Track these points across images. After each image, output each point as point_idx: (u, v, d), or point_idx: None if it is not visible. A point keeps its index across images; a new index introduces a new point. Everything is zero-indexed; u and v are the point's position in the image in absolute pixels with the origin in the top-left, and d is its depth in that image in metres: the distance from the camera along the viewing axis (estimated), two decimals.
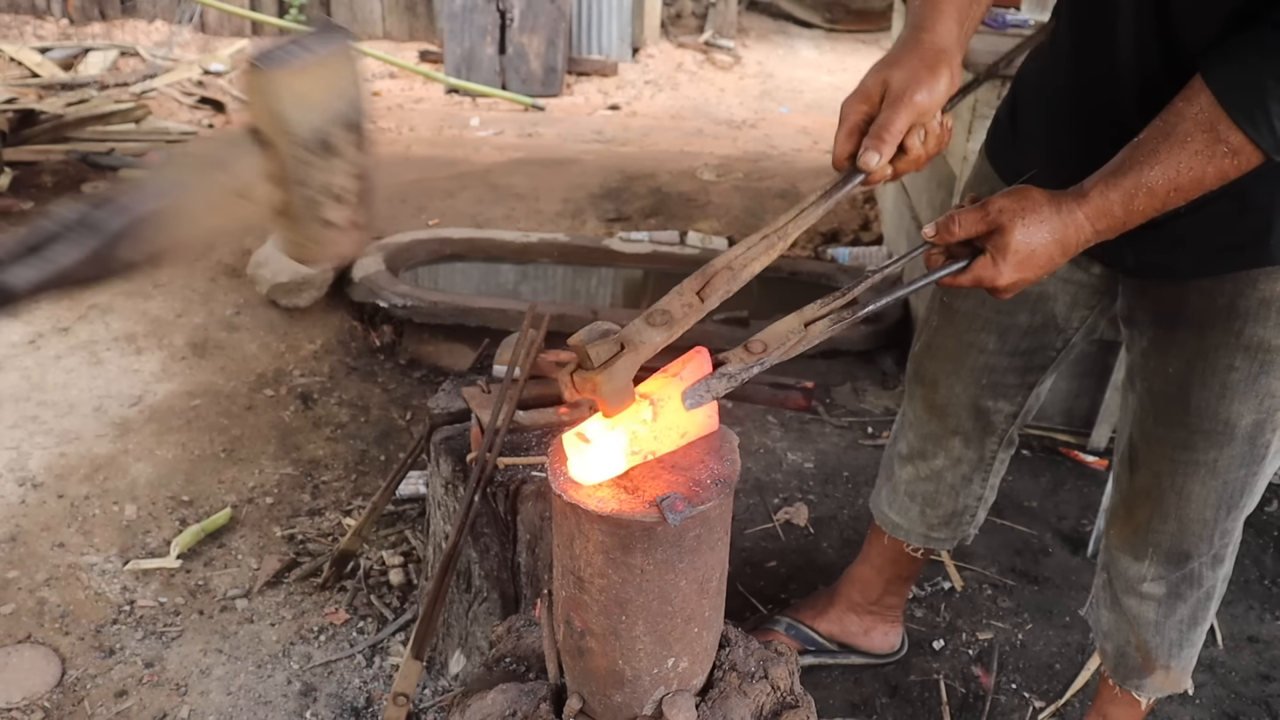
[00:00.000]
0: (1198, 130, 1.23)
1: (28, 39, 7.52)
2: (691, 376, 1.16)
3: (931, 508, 2.11)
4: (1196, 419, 1.61)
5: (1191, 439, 1.64)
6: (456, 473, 1.99)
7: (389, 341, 3.51)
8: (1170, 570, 1.79)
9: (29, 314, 3.45)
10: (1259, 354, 1.53)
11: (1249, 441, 1.61)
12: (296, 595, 2.43)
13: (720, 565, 1.24)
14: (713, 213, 4.67)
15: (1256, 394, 1.56)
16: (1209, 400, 1.59)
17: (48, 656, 2.21)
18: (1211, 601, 1.85)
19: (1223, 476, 1.65)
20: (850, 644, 2.34)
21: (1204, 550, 1.75)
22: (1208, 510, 1.70)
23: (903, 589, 2.31)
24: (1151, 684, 1.93)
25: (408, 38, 8.19)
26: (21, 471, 2.76)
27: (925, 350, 1.97)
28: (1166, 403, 1.65)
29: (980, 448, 2.02)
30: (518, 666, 1.46)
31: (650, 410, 1.14)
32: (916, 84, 1.29)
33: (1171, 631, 1.85)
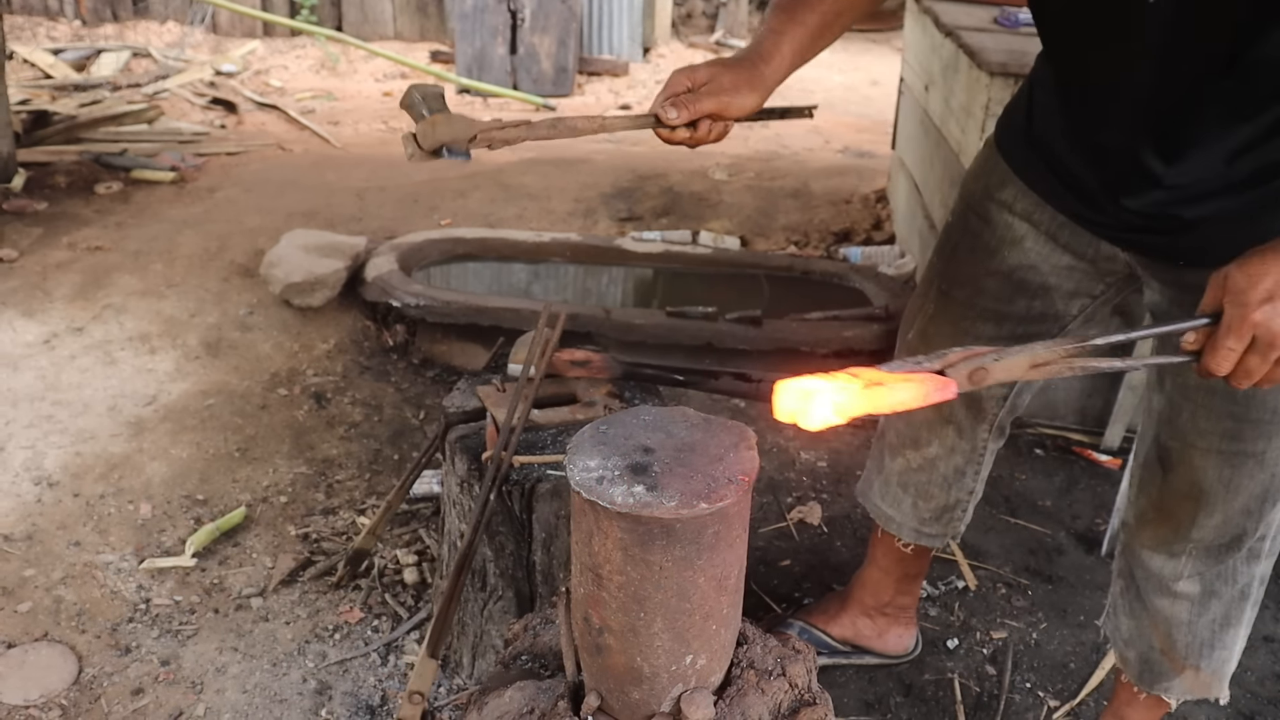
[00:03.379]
0: None
1: (41, 40, 7.55)
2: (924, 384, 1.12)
3: (924, 500, 2.11)
4: (1244, 409, 1.59)
5: (1240, 429, 1.61)
6: (472, 471, 2.00)
7: (402, 341, 3.52)
8: (1209, 566, 1.76)
9: (44, 314, 3.47)
10: None
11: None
12: (311, 594, 2.44)
13: (738, 562, 1.25)
14: (724, 212, 4.67)
15: None
16: (1264, 391, 1.54)
17: (64, 654, 2.22)
18: (1246, 603, 1.81)
19: (1271, 469, 1.63)
20: (864, 646, 2.34)
21: (1244, 543, 1.72)
22: (1253, 502, 1.67)
23: (912, 588, 2.31)
24: (1181, 685, 1.87)
25: (419, 38, 8.21)
26: (37, 470, 2.77)
27: (920, 336, 1.96)
28: (1209, 395, 1.62)
29: (973, 437, 2.03)
30: (534, 664, 1.46)
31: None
32: (734, 93, 1.56)
33: (1204, 631, 1.81)
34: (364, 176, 5.04)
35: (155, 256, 3.88)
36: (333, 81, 7.47)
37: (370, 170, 5.16)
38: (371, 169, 5.19)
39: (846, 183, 5.19)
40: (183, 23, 7.97)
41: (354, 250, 3.74)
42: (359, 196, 4.70)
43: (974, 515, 2.81)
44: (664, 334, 3.35)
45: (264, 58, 7.72)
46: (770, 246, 4.35)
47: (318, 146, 5.82)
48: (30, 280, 3.68)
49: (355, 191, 4.77)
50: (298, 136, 6.01)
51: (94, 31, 7.84)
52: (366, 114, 6.68)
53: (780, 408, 1.07)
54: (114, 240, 4.02)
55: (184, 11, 7.99)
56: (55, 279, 3.70)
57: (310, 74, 7.60)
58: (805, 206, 4.74)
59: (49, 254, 3.89)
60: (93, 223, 4.23)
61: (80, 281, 3.68)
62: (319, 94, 7.08)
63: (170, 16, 8.02)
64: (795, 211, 4.69)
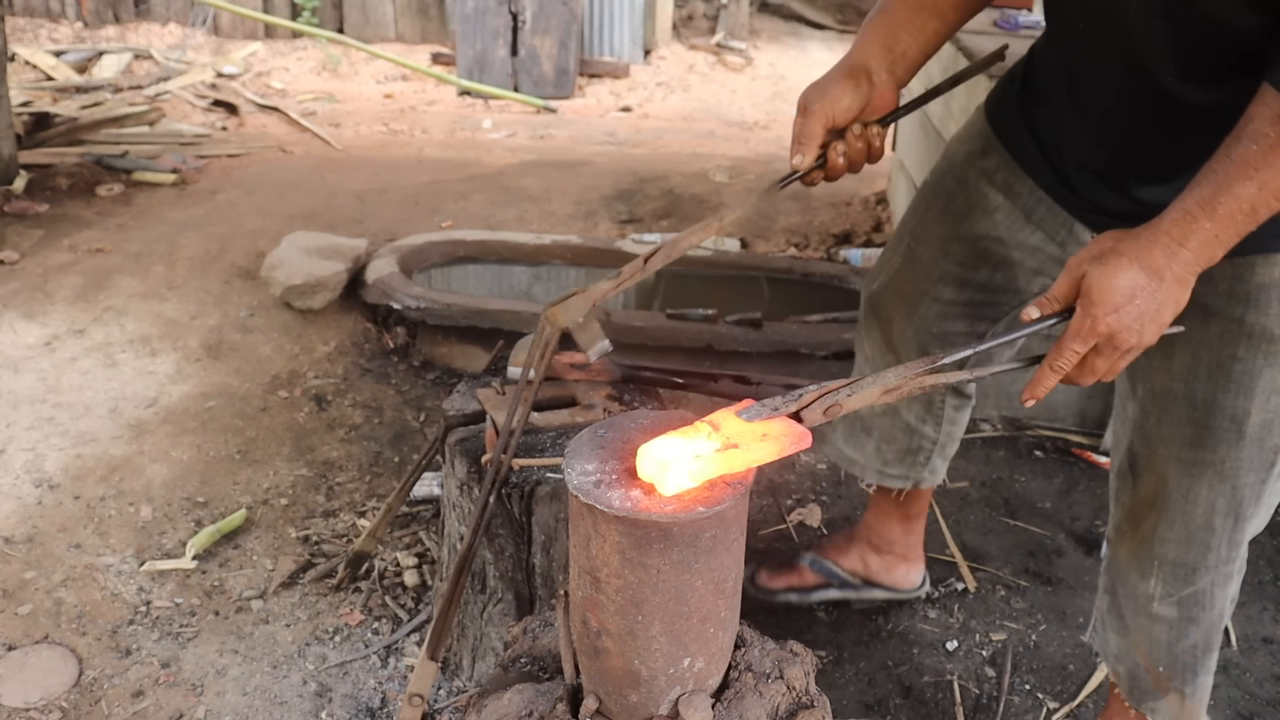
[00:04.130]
0: (1269, 126, 1.21)
1: (42, 42, 7.56)
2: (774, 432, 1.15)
3: (887, 443, 2.15)
4: (1204, 414, 1.58)
5: (1200, 436, 1.60)
6: (471, 474, 2.00)
7: (403, 343, 3.52)
8: (1178, 587, 1.74)
9: (45, 316, 3.47)
10: (1261, 344, 1.52)
11: (1258, 443, 1.58)
12: (311, 596, 2.44)
13: (736, 566, 1.25)
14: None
15: (1262, 389, 1.54)
16: (1215, 393, 1.56)
17: (65, 656, 2.23)
18: (1222, 622, 1.81)
19: (1231, 480, 1.62)
20: (874, 580, 2.44)
21: (1211, 563, 1.71)
22: (1215, 518, 1.66)
23: (915, 528, 2.39)
24: (1166, 709, 1.86)
25: (420, 40, 8.21)
26: (38, 473, 2.78)
27: (883, 290, 2.00)
28: (1172, 399, 1.62)
29: (929, 393, 2.06)
30: (533, 667, 1.47)
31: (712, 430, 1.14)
32: (824, 96, 1.54)
33: (1185, 655, 1.80)
34: (365, 179, 5.04)
35: (156, 258, 3.88)
36: (334, 83, 7.48)
37: (371, 172, 5.16)
38: (372, 171, 5.20)
39: (846, 185, 5.19)
40: (184, 24, 7.97)
41: (355, 252, 3.74)
42: (360, 199, 4.70)
43: (973, 516, 2.82)
44: (664, 336, 3.36)
45: (265, 60, 7.73)
46: (770, 249, 4.36)
47: (319, 148, 5.82)
48: (31, 282, 3.69)
49: (356, 194, 4.78)
50: (299, 138, 6.02)
51: (95, 33, 7.85)
52: (368, 116, 6.68)
53: (640, 472, 1.11)
54: (115, 242, 4.03)
55: (185, 13, 7.99)
56: (56, 281, 3.70)
57: (311, 76, 7.61)
58: (805, 209, 4.74)
59: (50, 256, 3.90)
60: (94, 225, 4.23)
61: (81, 283, 3.68)
62: (320, 96, 7.08)
63: (172, 18, 8.02)
64: (795, 214, 4.69)
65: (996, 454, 3.12)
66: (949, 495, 2.92)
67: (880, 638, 2.42)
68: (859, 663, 2.35)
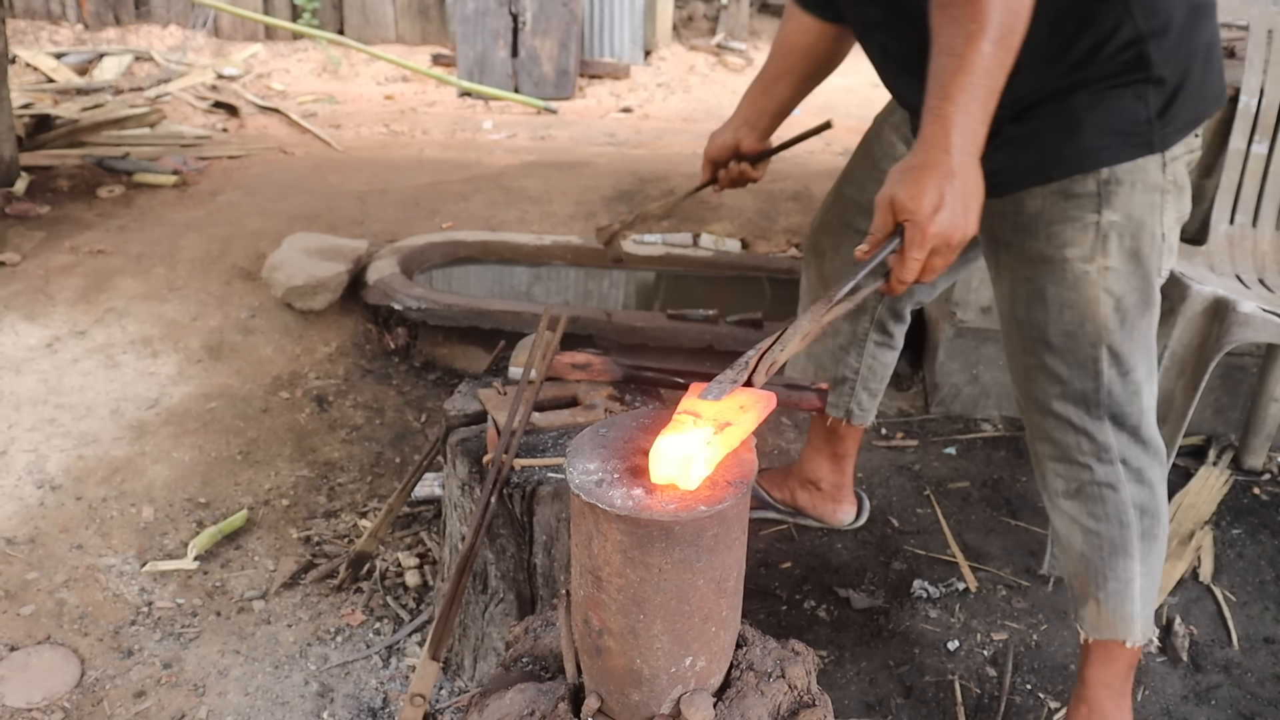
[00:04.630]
0: (946, 24, 1.42)
1: (43, 44, 7.57)
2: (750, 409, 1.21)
3: (820, 370, 2.46)
4: (1021, 328, 1.84)
5: (1025, 345, 1.86)
6: (473, 474, 2.00)
7: (404, 344, 3.52)
8: (1060, 486, 1.94)
9: (46, 317, 3.48)
10: (1040, 265, 1.76)
11: (1070, 353, 1.80)
12: (313, 597, 2.44)
13: (737, 565, 1.25)
14: (725, 215, 4.66)
15: (1053, 304, 1.77)
16: (1023, 310, 1.82)
17: (67, 657, 2.23)
18: (1130, 532, 1.90)
19: (1058, 385, 1.84)
20: (803, 511, 2.72)
21: (1076, 460, 1.88)
22: (1059, 419, 1.86)
23: (842, 467, 2.65)
24: (1088, 617, 1.99)
25: (420, 41, 8.21)
26: (40, 474, 2.78)
27: (819, 226, 2.35)
28: (1004, 319, 1.89)
29: (854, 323, 2.39)
30: (535, 666, 1.47)
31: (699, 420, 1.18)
32: (711, 141, 2.26)
33: (1094, 557, 1.94)
34: (365, 180, 5.04)
35: (157, 260, 3.88)
36: (334, 85, 7.48)
37: (372, 173, 5.16)
38: (373, 172, 5.20)
39: None
40: (185, 26, 7.98)
41: (355, 253, 3.74)
42: (360, 200, 4.70)
43: (974, 516, 2.82)
44: (665, 336, 3.36)
45: (266, 61, 7.73)
46: (771, 249, 4.36)
47: (319, 150, 5.83)
48: (32, 284, 3.69)
49: (357, 195, 4.78)
50: (299, 140, 6.02)
51: (96, 35, 7.85)
52: (368, 117, 6.69)
53: (658, 474, 1.15)
54: (116, 244, 4.03)
55: (186, 15, 8.00)
56: (57, 282, 3.70)
57: (312, 77, 7.61)
58: (806, 209, 4.74)
59: (51, 257, 3.90)
60: (95, 226, 4.23)
61: (82, 285, 3.68)
62: (321, 97, 7.08)
63: (172, 20, 8.03)
64: (796, 214, 4.69)
65: (997, 454, 3.12)
66: (950, 495, 2.92)
67: (881, 637, 2.42)
68: (860, 662, 2.35)
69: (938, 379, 3.30)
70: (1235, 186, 2.83)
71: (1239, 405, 3.15)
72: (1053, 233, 1.73)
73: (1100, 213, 1.69)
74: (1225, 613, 2.53)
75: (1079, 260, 1.73)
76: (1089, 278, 1.73)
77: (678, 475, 1.13)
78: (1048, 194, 1.72)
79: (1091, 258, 1.72)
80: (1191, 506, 2.87)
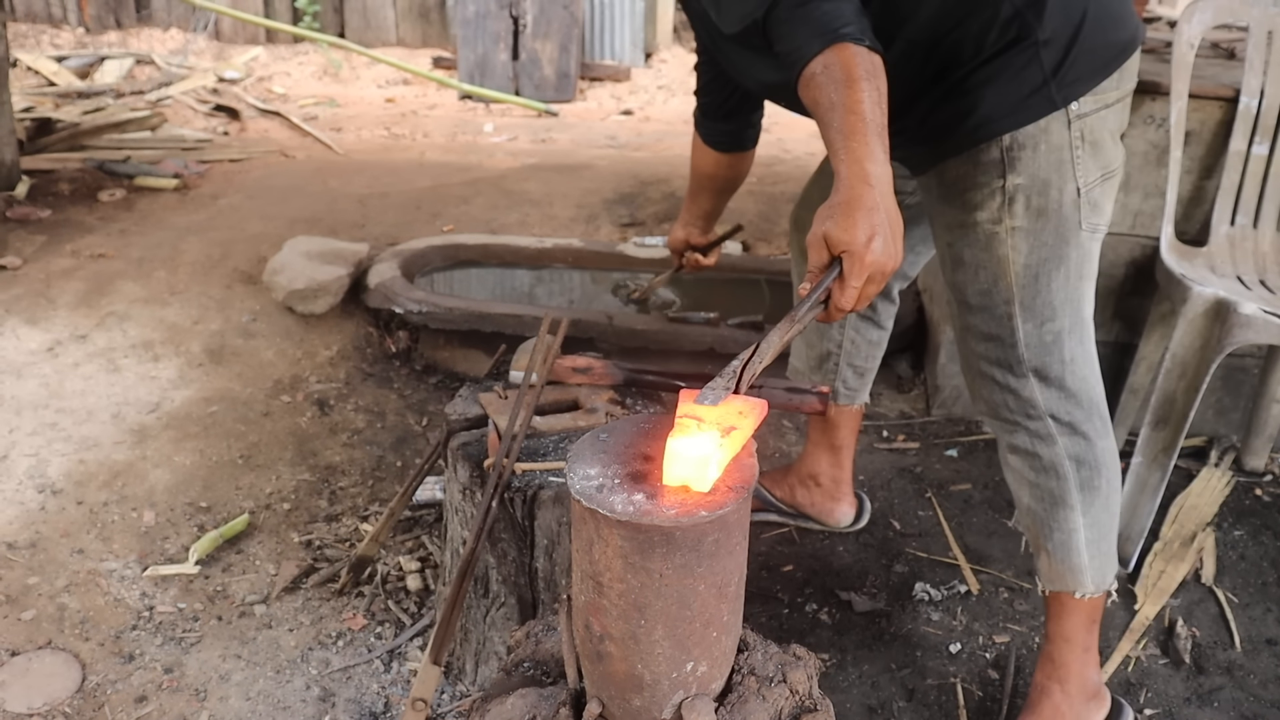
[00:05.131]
0: (828, 83, 1.52)
1: (44, 48, 7.57)
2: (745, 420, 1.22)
3: (809, 347, 2.55)
4: (951, 291, 1.96)
5: (952, 309, 1.99)
6: (474, 478, 2.00)
7: (405, 347, 3.52)
8: (1001, 439, 2.05)
9: (47, 321, 3.48)
10: (956, 229, 1.89)
11: (986, 311, 1.90)
12: (314, 601, 2.44)
13: (739, 570, 1.25)
14: (726, 217, 4.66)
15: (969, 265, 1.89)
16: (950, 274, 1.94)
17: (68, 662, 2.23)
18: (1068, 484, 1.97)
19: (980, 343, 1.95)
20: (803, 512, 2.74)
21: (1007, 417, 1.98)
22: (983, 378, 1.98)
23: (840, 461, 2.68)
24: (1042, 569, 2.06)
25: (421, 44, 8.22)
26: (41, 478, 2.78)
27: (803, 201, 2.45)
28: (944, 286, 2.00)
29: None
30: (536, 671, 1.47)
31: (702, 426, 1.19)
32: (672, 235, 2.70)
33: (1039, 508, 2.02)
34: (366, 183, 5.04)
35: (158, 264, 3.89)
36: (335, 88, 7.49)
37: (372, 177, 5.17)
38: (374, 175, 5.20)
39: None
40: (186, 29, 7.99)
41: (356, 257, 3.74)
42: (361, 203, 4.71)
43: (976, 519, 2.82)
44: (666, 340, 3.36)
45: (267, 64, 7.74)
46: (772, 251, 4.35)
47: (320, 153, 5.83)
48: (34, 288, 3.69)
49: (358, 198, 4.78)
50: (300, 143, 6.02)
51: (97, 38, 7.86)
52: (369, 120, 6.69)
53: (672, 476, 1.16)
54: (117, 247, 4.03)
55: (187, 18, 8.01)
56: (59, 286, 3.70)
57: (313, 80, 7.62)
58: None
59: (52, 261, 3.90)
60: (96, 230, 4.24)
61: (84, 289, 3.69)
62: (321, 100, 7.09)
63: (173, 23, 8.03)
64: None
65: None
66: (951, 498, 2.92)
67: (883, 640, 2.41)
68: (862, 666, 2.34)
69: (939, 381, 3.30)
70: (1236, 188, 2.83)
71: (1240, 406, 3.15)
72: (966, 199, 1.85)
73: (1005, 177, 1.81)
74: (1227, 614, 2.52)
75: (988, 222, 1.84)
76: (998, 238, 1.84)
77: (693, 477, 1.13)
78: (960, 163, 1.84)
79: (999, 220, 1.83)
80: (1193, 508, 2.87)
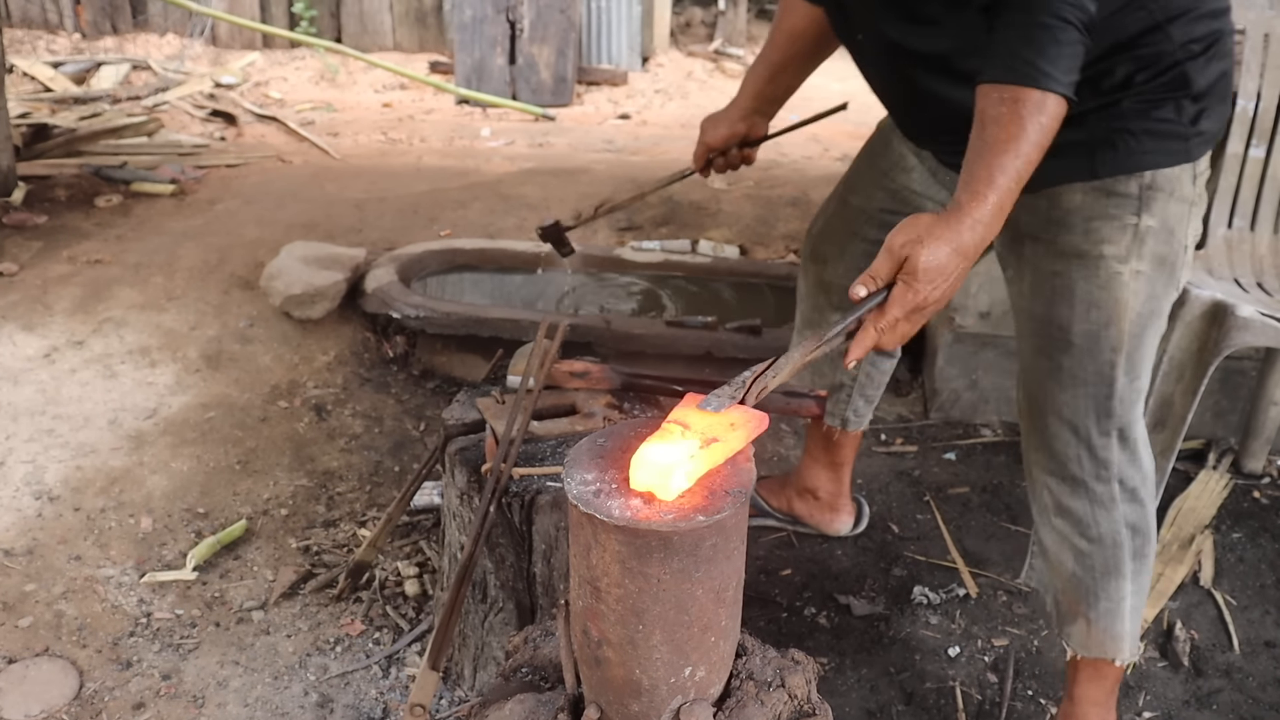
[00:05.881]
0: (1000, 108, 1.43)
1: (40, 53, 7.56)
2: None
3: (819, 377, 2.46)
4: (1042, 325, 1.83)
5: (1042, 345, 1.84)
6: (471, 483, 2.00)
7: (402, 352, 3.52)
8: (1055, 502, 1.92)
9: (44, 328, 3.47)
10: (1073, 259, 1.76)
11: (1089, 354, 1.79)
12: (312, 607, 2.44)
13: (736, 574, 1.25)
14: (724, 221, 4.67)
15: (1081, 301, 1.77)
16: (1045, 306, 1.81)
17: (65, 669, 2.22)
18: (1122, 553, 1.90)
19: (1070, 389, 1.82)
20: (801, 520, 2.73)
21: (1074, 476, 1.87)
22: (1064, 428, 1.85)
23: (840, 476, 2.66)
24: (1077, 635, 1.98)
25: (418, 49, 8.21)
26: (38, 485, 2.78)
27: (821, 232, 2.34)
28: (1024, 317, 1.88)
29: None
30: (535, 677, 1.47)
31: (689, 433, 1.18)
32: (711, 127, 2.27)
33: (1086, 577, 1.93)
34: (363, 188, 5.04)
35: (155, 269, 3.88)
36: (332, 93, 7.48)
37: (369, 181, 5.16)
38: (371, 180, 5.20)
39: None
40: (182, 35, 7.98)
41: (353, 262, 3.74)
42: (358, 208, 4.70)
43: (975, 522, 2.82)
44: (664, 344, 3.35)
45: (263, 69, 7.73)
46: (770, 255, 4.35)
47: (317, 158, 5.83)
48: (30, 294, 3.69)
49: (355, 203, 4.78)
50: (297, 148, 6.02)
51: (94, 44, 7.85)
52: (366, 125, 6.69)
53: (637, 481, 1.15)
54: (114, 253, 4.03)
55: (183, 24, 8.00)
56: (55, 292, 3.70)
57: (310, 85, 7.61)
58: (805, 215, 4.74)
59: (49, 267, 3.90)
60: (93, 236, 4.23)
61: (80, 295, 3.68)
62: (318, 105, 7.08)
63: (170, 29, 8.03)
64: (795, 220, 4.69)
65: (997, 459, 3.12)
66: (950, 501, 2.92)
67: (882, 644, 2.41)
68: (861, 669, 2.34)
69: (937, 384, 3.30)
70: (1233, 190, 2.83)
71: (1238, 409, 3.15)
72: (1091, 228, 1.74)
73: (1140, 215, 1.71)
74: (1226, 617, 2.52)
75: (1114, 259, 1.73)
76: (1120, 278, 1.74)
77: (656, 484, 1.13)
78: (1089, 190, 1.73)
79: (1126, 258, 1.73)
80: (1191, 510, 2.87)
